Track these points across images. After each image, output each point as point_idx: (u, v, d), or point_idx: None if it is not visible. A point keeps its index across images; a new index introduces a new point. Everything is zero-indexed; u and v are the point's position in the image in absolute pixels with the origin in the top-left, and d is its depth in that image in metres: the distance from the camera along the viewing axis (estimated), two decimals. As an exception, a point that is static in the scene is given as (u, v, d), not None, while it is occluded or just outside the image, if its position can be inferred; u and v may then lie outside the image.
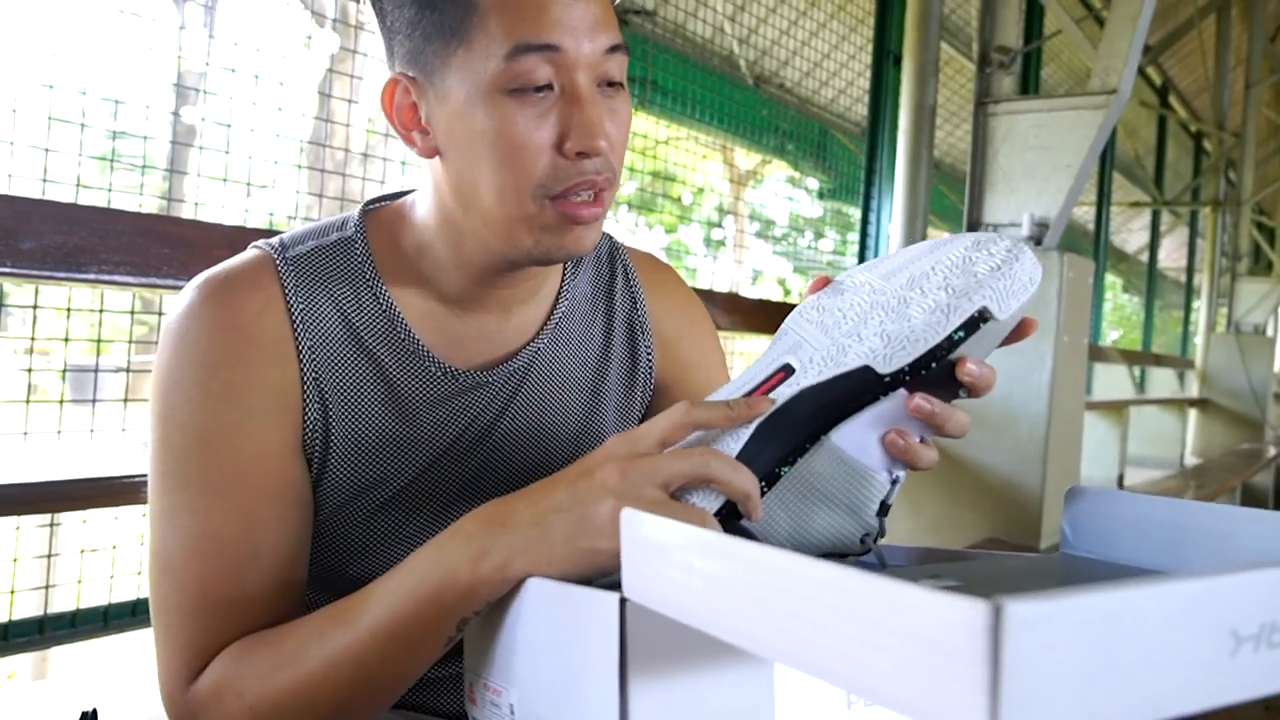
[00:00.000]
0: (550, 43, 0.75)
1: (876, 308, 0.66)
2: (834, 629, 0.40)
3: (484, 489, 0.88)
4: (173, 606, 0.77)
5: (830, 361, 0.65)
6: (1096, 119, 2.98)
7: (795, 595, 0.42)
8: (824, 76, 4.01)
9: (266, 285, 0.82)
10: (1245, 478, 6.20)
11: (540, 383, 0.91)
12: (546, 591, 0.64)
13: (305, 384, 0.81)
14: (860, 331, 0.66)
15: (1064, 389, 3.02)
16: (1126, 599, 0.37)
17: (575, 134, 0.76)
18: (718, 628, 0.47)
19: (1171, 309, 9.49)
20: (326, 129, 2.07)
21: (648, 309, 0.99)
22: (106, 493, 1.43)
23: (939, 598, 0.36)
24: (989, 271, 0.64)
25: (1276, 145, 8.93)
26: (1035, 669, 0.34)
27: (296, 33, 2.14)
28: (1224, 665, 0.39)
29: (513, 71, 0.75)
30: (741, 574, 0.46)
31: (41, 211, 1.29)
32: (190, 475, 0.78)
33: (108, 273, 1.32)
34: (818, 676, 0.42)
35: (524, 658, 0.65)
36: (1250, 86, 7.29)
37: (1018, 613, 0.34)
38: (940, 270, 0.66)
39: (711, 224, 4.04)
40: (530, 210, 0.78)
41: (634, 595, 0.55)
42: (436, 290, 0.86)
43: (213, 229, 1.46)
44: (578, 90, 0.76)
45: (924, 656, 0.36)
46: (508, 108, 0.75)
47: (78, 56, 1.70)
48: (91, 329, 1.65)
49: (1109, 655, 0.36)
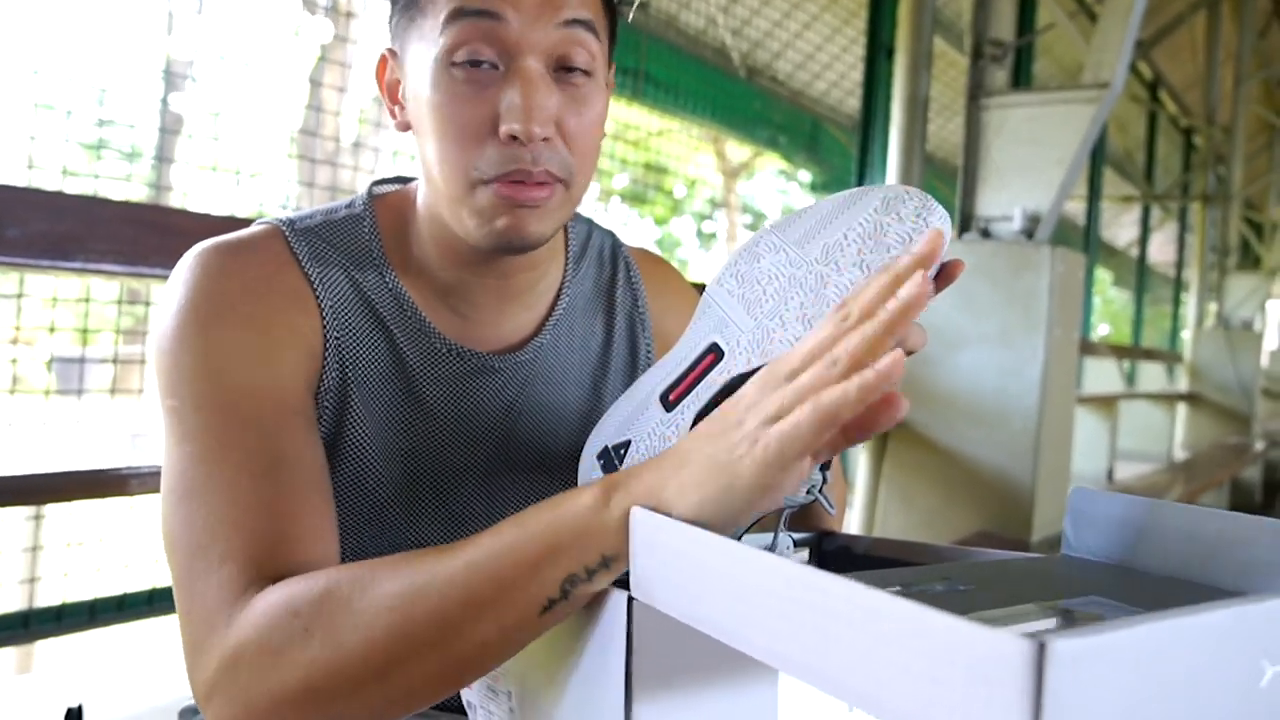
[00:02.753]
0: (488, 9, 0.70)
1: (795, 284, 0.65)
2: (860, 648, 0.40)
3: (490, 481, 0.88)
4: (202, 523, 0.67)
5: (756, 349, 0.65)
6: (1089, 113, 2.98)
7: (818, 609, 0.42)
8: (816, 69, 4.00)
9: (279, 250, 0.79)
10: (1233, 472, 6.23)
11: (544, 376, 0.91)
12: None
13: (327, 340, 0.78)
14: (782, 314, 0.65)
15: (1055, 383, 3.02)
16: (1166, 631, 0.36)
17: (507, 114, 0.71)
18: (729, 635, 0.47)
19: (1161, 304, 9.52)
20: (317, 118, 2.05)
21: (648, 306, 0.99)
22: (93, 485, 1.42)
23: (981, 631, 0.35)
24: (899, 242, 0.63)
25: (1266, 140, 8.95)
26: (1077, 704, 0.34)
27: (287, 20, 2.12)
28: (1255, 694, 0.39)
29: (453, 41, 0.71)
30: (757, 582, 0.45)
31: (28, 199, 1.27)
32: (204, 397, 0.71)
33: (95, 261, 1.31)
34: (838, 696, 0.41)
35: (526, 648, 0.64)
36: (1240, 82, 7.31)
37: (1062, 650, 0.34)
38: (853, 240, 0.64)
39: (703, 216, 4.03)
40: (465, 191, 0.74)
41: (643, 595, 0.54)
42: (432, 277, 0.85)
43: (202, 218, 1.45)
44: (518, 65, 0.72)
45: (962, 686, 0.36)
46: (451, 82, 0.72)
47: (66, 43, 1.68)
48: (78, 319, 1.64)
49: (1149, 687, 0.36)
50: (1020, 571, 0.68)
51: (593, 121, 0.77)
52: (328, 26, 2.09)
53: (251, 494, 0.68)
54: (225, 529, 0.67)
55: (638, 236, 0.88)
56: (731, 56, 3.54)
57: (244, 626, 0.63)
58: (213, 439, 0.70)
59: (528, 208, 0.74)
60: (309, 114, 2.05)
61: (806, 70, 3.96)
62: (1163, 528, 0.66)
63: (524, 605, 0.58)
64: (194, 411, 0.71)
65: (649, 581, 0.53)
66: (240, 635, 0.63)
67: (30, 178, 1.53)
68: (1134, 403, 6.75)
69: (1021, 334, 2.97)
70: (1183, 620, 0.37)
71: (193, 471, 0.69)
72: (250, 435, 0.70)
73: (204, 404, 0.71)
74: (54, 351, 1.71)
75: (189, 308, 0.74)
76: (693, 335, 0.68)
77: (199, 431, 0.70)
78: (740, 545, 0.46)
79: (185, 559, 0.68)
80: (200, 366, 0.72)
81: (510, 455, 0.89)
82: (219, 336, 0.73)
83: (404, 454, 0.84)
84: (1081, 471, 4.94)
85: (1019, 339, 2.97)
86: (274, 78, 1.92)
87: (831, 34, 4.03)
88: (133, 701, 1.48)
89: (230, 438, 0.70)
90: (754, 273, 0.67)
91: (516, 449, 0.89)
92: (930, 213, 0.63)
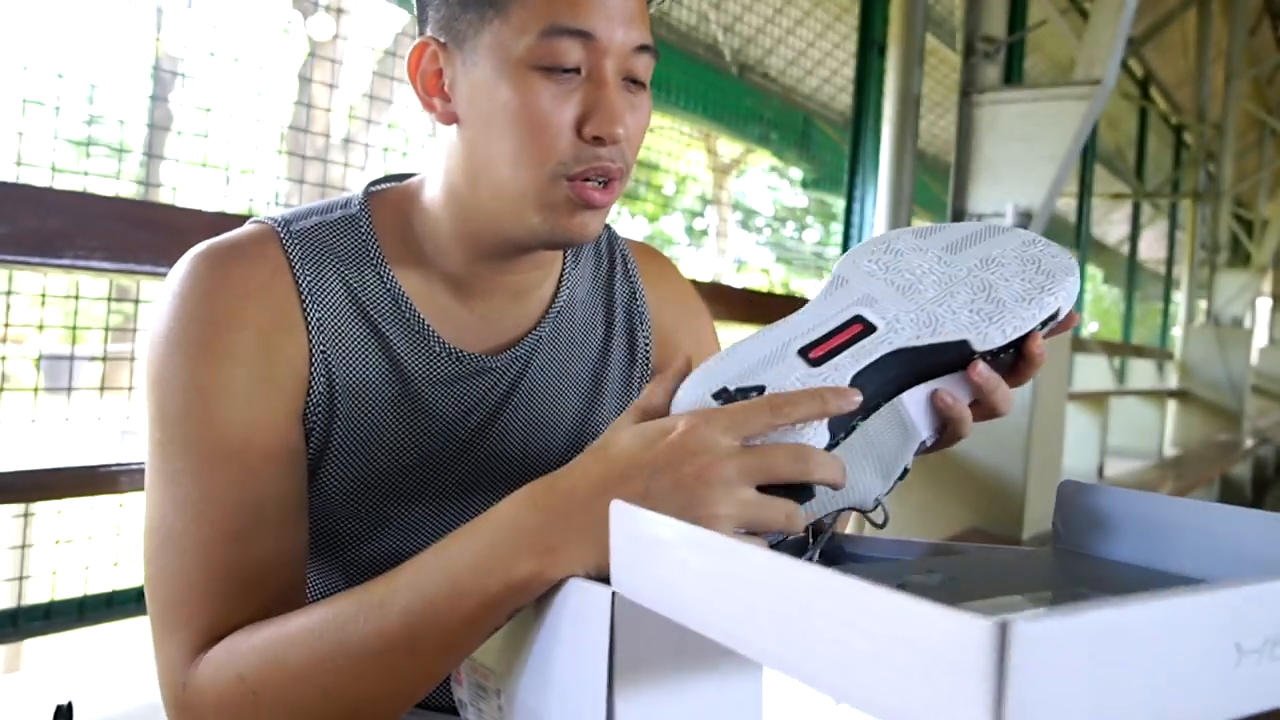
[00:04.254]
0: (585, 29, 0.76)
1: (959, 283, 0.69)
2: (832, 636, 0.40)
3: (488, 476, 0.88)
4: (173, 578, 0.73)
5: (925, 328, 0.67)
6: (1080, 109, 2.98)
7: (793, 599, 0.41)
8: (808, 66, 4.00)
9: (272, 255, 0.80)
10: (1223, 469, 6.26)
11: (543, 371, 0.91)
12: None
13: (313, 355, 0.80)
14: (950, 303, 0.68)
15: (1047, 380, 3.03)
16: (1132, 614, 0.36)
17: (595, 118, 0.77)
18: (710, 628, 0.47)
19: (1151, 300, 9.55)
20: (307, 114, 2.04)
21: (646, 299, 1.00)
22: (82, 483, 1.41)
23: (944, 612, 0.35)
24: (1058, 270, 0.69)
25: (1256, 138, 8.98)
26: (1040, 686, 0.34)
27: (277, 16, 2.12)
28: (1228, 678, 0.39)
29: (544, 50, 0.76)
30: (737, 575, 0.45)
31: (16, 195, 1.26)
32: (190, 439, 0.75)
33: (84, 258, 1.30)
34: (813, 686, 0.41)
35: (513, 643, 0.65)
36: (1230, 79, 7.33)
37: (1024, 631, 0.33)
38: (1010, 260, 0.70)
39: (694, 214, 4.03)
40: (544, 185, 0.78)
41: (625, 590, 0.54)
42: (440, 273, 0.85)
43: (193, 214, 1.44)
44: (603, 76, 0.78)
45: (927, 670, 0.36)
46: (534, 83, 0.76)
47: (55, 39, 1.67)
48: (67, 316, 1.63)
49: (1114, 670, 0.36)
50: (1010, 564, 0.68)
51: (644, 127, 0.83)
52: (325, 23, 2.09)
53: (223, 556, 0.73)
54: (195, 592, 0.73)
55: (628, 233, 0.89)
56: (723, 53, 3.54)
57: (198, 693, 0.70)
58: (196, 489, 0.74)
59: (593, 209, 0.79)
60: (298, 110, 2.05)
61: (798, 67, 3.96)
62: (1153, 520, 0.66)
63: (471, 645, 0.64)
64: (181, 453, 0.75)
65: (631, 576, 0.53)
66: (197, 706, 0.70)
67: (18, 174, 1.52)
68: (1124, 399, 6.77)
69: (1013, 331, 2.97)
70: (1150, 605, 0.37)
71: (173, 518, 0.74)
72: (232, 491, 0.74)
73: (190, 447, 0.75)
74: (42, 349, 1.70)
75: (178, 330, 0.76)
76: (830, 303, 0.70)
77: (184, 477, 0.74)
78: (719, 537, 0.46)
79: (158, 609, 0.74)
80: (187, 408, 0.75)
81: (509, 448, 0.89)
82: (206, 373, 0.75)
83: (400, 455, 0.84)
84: (1072, 468, 4.95)
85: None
86: (264, 74, 1.91)
87: (823, 30, 4.03)
88: (122, 699, 1.48)
89: (212, 491, 0.74)
90: (899, 264, 0.70)
91: (515, 441, 0.89)
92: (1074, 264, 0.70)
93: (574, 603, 0.59)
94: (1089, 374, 6.55)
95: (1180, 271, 8.03)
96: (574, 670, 0.58)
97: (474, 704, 0.70)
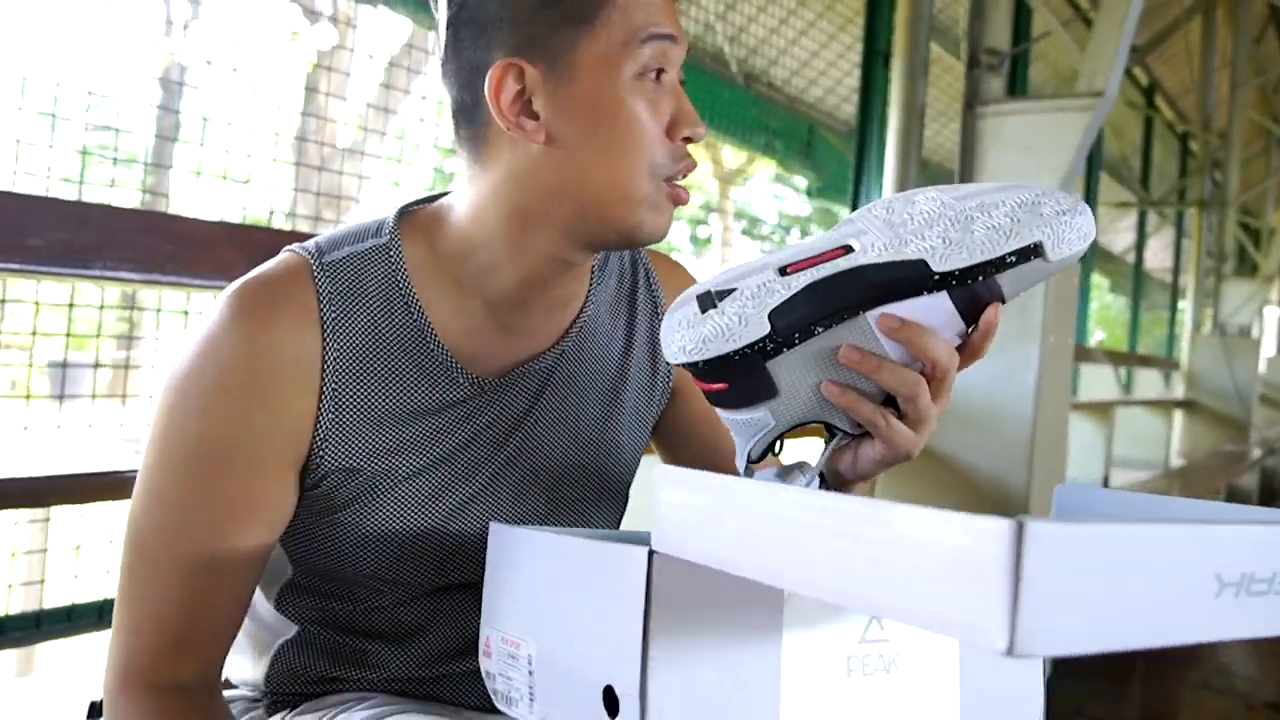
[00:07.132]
0: (670, 33, 0.81)
1: (942, 218, 0.72)
2: (859, 554, 0.44)
3: (505, 491, 0.90)
4: (133, 587, 0.81)
5: (890, 249, 0.71)
6: (1084, 121, 2.99)
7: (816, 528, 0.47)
8: (813, 75, 4.01)
9: (302, 296, 0.82)
10: (1230, 479, 6.23)
11: (564, 385, 0.92)
12: (572, 547, 0.68)
13: (321, 408, 0.82)
14: (924, 233, 0.71)
15: (1050, 390, 3.03)
16: (1132, 531, 0.41)
17: (684, 120, 0.82)
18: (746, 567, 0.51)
19: (1157, 310, 9.53)
20: (316, 124, 2.06)
21: None
22: (102, 487, 1.43)
23: (965, 518, 0.40)
24: (1053, 214, 0.70)
25: (1262, 146, 8.97)
26: (1051, 584, 0.38)
27: (285, 27, 2.13)
28: (1208, 606, 0.44)
29: (643, 58, 0.79)
30: (770, 512, 0.49)
31: (48, 208, 1.29)
32: (180, 469, 0.80)
33: (112, 269, 1.32)
34: (845, 603, 0.45)
35: (545, 611, 0.69)
36: (1236, 87, 7.32)
37: (1038, 531, 0.38)
38: (1009, 202, 0.71)
39: (697, 221, 4.04)
40: (648, 189, 0.81)
41: (663, 547, 0.58)
42: (478, 293, 0.86)
43: (216, 226, 1.46)
44: (673, 80, 0.83)
45: (949, 572, 0.40)
46: (638, 90, 0.80)
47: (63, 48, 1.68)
48: (75, 325, 1.64)
49: (1114, 580, 0.40)
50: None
51: None
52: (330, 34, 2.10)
53: (179, 595, 0.80)
54: (147, 612, 0.81)
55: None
56: (729, 62, 3.55)
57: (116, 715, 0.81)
58: (174, 521, 0.80)
59: (677, 207, 0.84)
60: (305, 120, 2.06)
61: (803, 76, 3.97)
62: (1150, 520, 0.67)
63: None
64: (170, 477, 0.80)
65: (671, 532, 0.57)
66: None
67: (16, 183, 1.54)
68: (1130, 409, 6.75)
69: (1016, 340, 2.97)
70: (1151, 527, 0.42)
71: (149, 535, 0.81)
72: (199, 536, 0.80)
73: (180, 474, 0.80)
74: (51, 356, 1.72)
75: (197, 372, 0.80)
76: (826, 236, 0.74)
77: (169, 503, 0.80)
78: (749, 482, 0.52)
79: (118, 599, 0.82)
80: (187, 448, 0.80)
81: (530, 463, 0.90)
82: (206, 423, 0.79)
83: (411, 474, 0.86)
84: (1077, 478, 4.94)
85: (1013, 345, 2.98)
86: (271, 83, 1.92)
87: (828, 40, 4.04)
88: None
89: (186, 530, 0.80)
90: (905, 208, 0.74)
91: (535, 456, 0.91)
92: (1084, 209, 0.71)
93: (612, 564, 0.63)
94: (1094, 383, 6.53)
95: (1186, 280, 8.01)
96: (610, 629, 0.62)
97: (502, 674, 0.74)
